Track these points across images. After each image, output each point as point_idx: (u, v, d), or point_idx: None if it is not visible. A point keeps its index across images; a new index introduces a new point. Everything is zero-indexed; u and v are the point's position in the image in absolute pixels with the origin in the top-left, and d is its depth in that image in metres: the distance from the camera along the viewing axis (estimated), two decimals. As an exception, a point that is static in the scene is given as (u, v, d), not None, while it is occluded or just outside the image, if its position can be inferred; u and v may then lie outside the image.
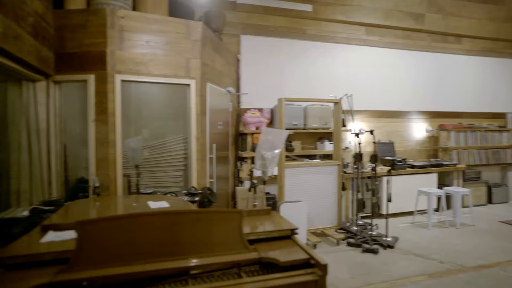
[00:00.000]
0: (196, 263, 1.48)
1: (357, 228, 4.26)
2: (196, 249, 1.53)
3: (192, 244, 1.53)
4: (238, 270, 1.56)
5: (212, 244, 1.57)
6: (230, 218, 1.66)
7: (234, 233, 1.64)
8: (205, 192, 3.04)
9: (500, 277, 3.20)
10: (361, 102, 5.53)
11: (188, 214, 1.59)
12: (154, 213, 1.55)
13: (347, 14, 5.32)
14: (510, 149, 6.36)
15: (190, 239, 1.54)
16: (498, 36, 6.56)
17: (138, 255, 1.43)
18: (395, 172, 5.07)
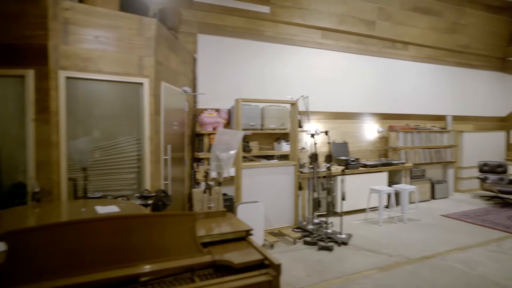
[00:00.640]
0: (147, 270, 1.41)
1: (313, 227, 4.37)
2: (147, 255, 1.46)
3: (143, 250, 1.47)
4: (191, 275, 1.52)
5: (164, 248, 1.51)
6: (183, 221, 1.61)
7: (187, 237, 1.60)
8: (159, 195, 2.93)
9: (441, 266, 3.44)
10: (317, 104, 5.70)
11: (137, 219, 1.52)
12: (99, 219, 1.46)
13: (304, 18, 5.45)
14: (449, 148, 6.91)
15: (141, 244, 1.47)
16: (439, 45, 7.11)
17: (83, 264, 1.33)
18: (349, 172, 5.27)
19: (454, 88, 7.53)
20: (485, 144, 7.63)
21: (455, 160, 7.08)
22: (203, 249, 1.62)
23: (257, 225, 3.90)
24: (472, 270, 3.36)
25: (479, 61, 7.90)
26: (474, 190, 7.41)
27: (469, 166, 7.29)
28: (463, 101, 7.67)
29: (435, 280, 3.13)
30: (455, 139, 7.16)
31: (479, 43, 7.61)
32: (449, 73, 7.46)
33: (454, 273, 3.28)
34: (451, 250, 3.89)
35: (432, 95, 7.20)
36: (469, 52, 7.60)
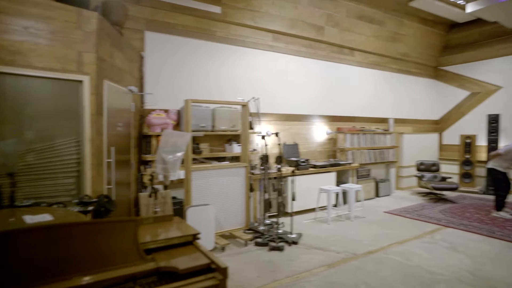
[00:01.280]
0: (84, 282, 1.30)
1: (265, 228, 4.40)
2: (85, 266, 1.35)
3: (80, 261, 1.35)
4: (133, 284, 1.44)
5: (104, 258, 1.41)
6: (123, 227, 1.52)
7: (129, 244, 1.51)
8: (101, 200, 2.74)
9: (383, 260, 3.65)
10: (268, 105, 5.76)
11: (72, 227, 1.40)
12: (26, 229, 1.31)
13: (255, 20, 5.49)
14: (391, 149, 7.39)
15: (77, 255, 1.36)
16: (382, 52, 7.59)
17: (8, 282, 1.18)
18: (299, 172, 5.40)
19: (396, 93, 8.08)
20: (421, 145, 8.30)
21: (396, 160, 7.60)
22: (147, 256, 1.54)
23: (207, 228, 3.83)
24: (409, 261, 3.61)
25: (417, 69, 8.57)
26: (412, 187, 8.01)
27: (408, 165, 7.87)
28: (403, 105, 8.26)
29: (378, 273, 3.31)
30: (396, 140, 7.68)
31: (417, 52, 8.26)
32: (391, 79, 7.99)
33: (394, 265, 3.50)
34: (392, 244, 4.15)
35: (376, 99, 7.66)
36: (408, 60, 8.21)
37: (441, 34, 8.35)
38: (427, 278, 3.20)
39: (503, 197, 5.46)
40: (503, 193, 5.46)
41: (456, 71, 8.63)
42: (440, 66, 8.97)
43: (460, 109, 8.58)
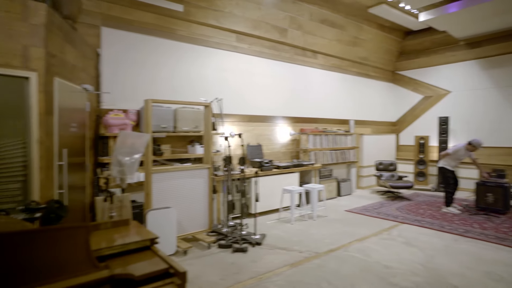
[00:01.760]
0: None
1: (228, 229, 4.36)
2: (30, 277, 1.24)
3: (25, 272, 1.24)
4: (86, 294, 1.35)
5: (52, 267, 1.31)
6: (74, 234, 1.43)
7: (80, 252, 1.41)
8: (51, 206, 2.56)
9: (344, 257, 3.75)
10: (232, 106, 5.73)
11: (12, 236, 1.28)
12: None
13: (219, 20, 5.44)
14: (352, 150, 7.65)
15: (22, 266, 1.24)
16: (343, 56, 7.84)
17: None
18: (262, 173, 5.42)
19: (356, 95, 8.39)
20: (380, 145, 8.68)
21: (357, 160, 7.87)
22: (100, 263, 1.46)
23: (169, 232, 3.72)
24: (368, 257, 3.73)
25: (375, 73, 8.96)
26: (372, 186, 8.34)
27: (368, 165, 8.19)
28: (363, 107, 8.59)
29: (339, 270, 3.39)
30: (357, 141, 7.96)
31: (375, 56, 8.63)
32: (352, 82, 8.28)
33: (354, 262, 3.60)
34: (352, 241, 4.28)
35: (338, 101, 7.89)
36: (367, 64, 8.56)
37: (397, 40, 8.79)
38: (384, 273, 3.33)
39: (452, 193, 5.84)
40: (452, 190, 5.84)
41: (411, 76, 9.13)
42: (396, 71, 9.44)
43: (415, 111, 9.09)
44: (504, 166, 7.19)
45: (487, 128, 7.69)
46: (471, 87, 7.97)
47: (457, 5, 6.12)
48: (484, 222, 5.14)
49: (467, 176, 7.61)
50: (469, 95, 8.01)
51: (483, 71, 7.78)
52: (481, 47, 7.77)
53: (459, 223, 5.10)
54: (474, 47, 7.88)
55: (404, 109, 9.34)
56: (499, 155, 7.47)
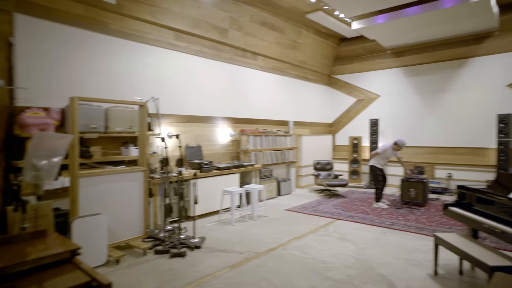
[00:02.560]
0: None
1: (166, 234, 4.17)
2: None
3: None
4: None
5: None
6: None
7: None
8: None
9: (283, 255, 3.81)
10: (170, 106, 5.53)
11: None
12: None
13: (155, 16, 5.20)
14: (292, 150, 7.87)
15: None
16: (283, 59, 8.04)
17: None
18: (202, 175, 5.31)
19: (295, 97, 8.66)
20: (318, 146, 9.08)
21: (296, 160, 8.12)
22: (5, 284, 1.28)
23: (99, 241, 3.44)
24: (306, 254, 3.85)
25: (313, 76, 9.35)
26: (310, 185, 8.69)
27: (307, 165, 8.51)
28: (301, 109, 8.91)
29: (278, 268, 3.43)
30: (296, 142, 8.22)
31: (313, 60, 9.01)
32: (291, 84, 8.53)
33: (293, 259, 3.68)
34: (291, 239, 4.38)
35: (278, 102, 8.07)
36: (305, 67, 8.89)
37: (333, 46, 9.29)
38: (321, 268, 3.45)
39: (381, 190, 6.32)
40: (381, 186, 6.31)
41: (345, 80, 9.71)
42: (333, 75, 9.97)
43: (349, 113, 9.68)
44: (424, 163, 7.99)
45: (410, 129, 8.47)
46: (397, 92, 8.73)
47: (384, 17, 6.65)
48: (407, 214, 5.64)
49: (394, 173, 8.30)
50: (395, 99, 8.76)
51: (407, 78, 8.56)
52: (404, 57, 8.55)
53: (387, 216, 5.52)
54: (399, 56, 8.64)
55: (339, 111, 9.90)
56: (420, 153, 8.28)
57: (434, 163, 7.95)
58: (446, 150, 7.95)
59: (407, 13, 6.36)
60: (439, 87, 8.06)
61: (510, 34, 7.09)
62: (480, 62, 7.51)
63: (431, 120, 8.19)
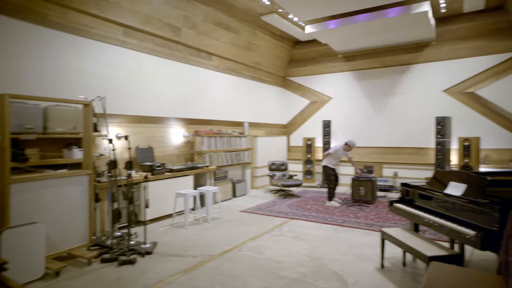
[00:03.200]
0: None
1: (114, 241, 3.94)
2: None
3: None
4: None
5: None
6: None
7: None
8: None
9: (238, 257, 3.78)
10: (119, 106, 5.25)
11: None
12: None
13: (102, 10, 4.91)
14: (247, 151, 7.87)
15: None
16: (238, 60, 8.03)
17: None
18: (154, 177, 5.10)
19: (250, 98, 8.69)
20: (273, 146, 9.20)
21: (251, 161, 8.14)
22: None
23: (35, 253, 3.14)
24: (261, 254, 3.85)
25: (268, 77, 9.46)
26: (266, 186, 8.76)
27: (262, 166, 8.58)
28: (256, 110, 8.96)
29: (233, 270, 3.39)
30: (251, 143, 8.24)
31: (268, 62, 9.12)
32: (246, 85, 8.55)
33: (248, 260, 3.66)
34: (246, 240, 4.36)
35: (233, 103, 8.04)
36: (260, 68, 8.97)
37: (287, 49, 9.47)
38: (275, 267, 3.47)
39: (333, 189, 6.54)
40: (333, 185, 6.54)
41: (299, 82, 9.95)
42: (287, 77, 10.16)
43: (303, 115, 9.93)
44: (373, 163, 8.43)
45: (360, 130, 8.90)
46: (348, 95, 9.12)
47: (335, 23, 6.92)
48: (358, 212, 5.89)
49: (345, 173, 8.66)
50: (346, 102, 9.14)
51: (357, 81, 8.99)
52: (354, 61, 8.97)
53: (338, 214, 5.72)
54: (349, 61, 9.05)
55: (294, 112, 10.11)
56: (369, 153, 8.73)
57: (382, 162, 8.43)
58: (392, 150, 8.46)
59: (356, 20, 6.67)
60: (386, 91, 8.56)
61: (445, 45, 7.75)
62: (420, 69, 8.11)
63: (378, 121, 8.67)
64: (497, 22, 7.07)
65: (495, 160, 7.24)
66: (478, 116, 7.46)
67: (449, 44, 7.70)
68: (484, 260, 3.60)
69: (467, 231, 2.61)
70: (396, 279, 3.19)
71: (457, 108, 7.66)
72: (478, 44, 7.37)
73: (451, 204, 3.02)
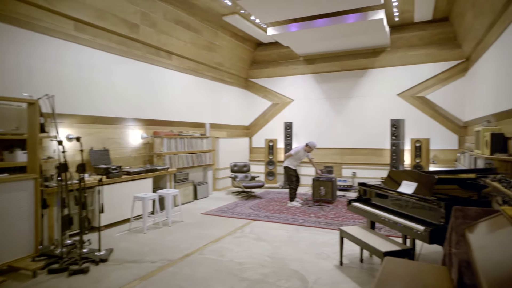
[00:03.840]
0: None
1: (64, 250, 3.67)
2: None
3: None
4: None
5: None
6: None
7: None
8: None
9: (199, 260, 3.69)
10: (71, 106, 4.94)
11: None
12: None
13: (49, 1, 4.57)
14: (208, 153, 7.76)
15: None
16: (199, 60, 7.90)
17: None
18: (110, 181, 4.85)
19: (212, 99, 8.58)
20: (235, 148, 9.16)
21: (213, 162, 8.04)
22: None
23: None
24: (223, 257, 3.79)
25: (230, 78, 9.41)
26: (228, 187, 8.69)
27: (224, 168, 8.50)
28: (218, 111, 8.87)
29: (193, 274, 3.30)
30: (213, 144, 8.14)
31: (230, 63, 9.07)
32: (208, 86, 8.44)
33: (209, 264, 3.58)
34: (208, 243, 4.27)
35: (194, 104, 7.89)
36: (222, 69, 8.90)
37: (249, 50, 9.49)
38: (237, 269, 3.43)
39: (295, 189, 6.64)
40: (294, 186, 6.63)
41: (261, 84, 10.01)
42: (249, 78, 10.18)
43: (265, 116, 10.00)
44: (332, 163, 8.69)
45: (320, 132, 9.13)
46: (309, 97, 9.32)
47: (297, 26, 7.05)
48: (318, 211, 6.02)
49: (306, 173, 8.84)
50: (307, 104, 9.34)
51: (317, 84, 9.22)
52: (315, 64, 9.20)
53: (300, 214, 5.80)
54: (310, 63, 9.26)
55: (256, 114, 10.15)
56: (329, 154, 8.99)
57: (341, 163, 8.71)
58: (351, 151, 8.78)
59: (316, 24, 6.84)
60: (345, 94, 8.87)
61: (399, 51, 8.20)
62: (377, 73, 8.51)
63: (338, 123, 8.96)
64: (443, 32, 7.60)
65: (443, 160, 7.78)
66: (428, 118, 7.97)
67: (402, 51, 8.15)
68: (433, 253, 3.83)
69: (418, 227, 2.76)
70: (354, 275, 3.29)
71: (409, 111, 8.13)
72: (428, 52, 7.88)
73: (404, 202, 3.17)
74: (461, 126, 7.67)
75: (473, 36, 6.16)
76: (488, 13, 4.86)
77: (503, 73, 4.58)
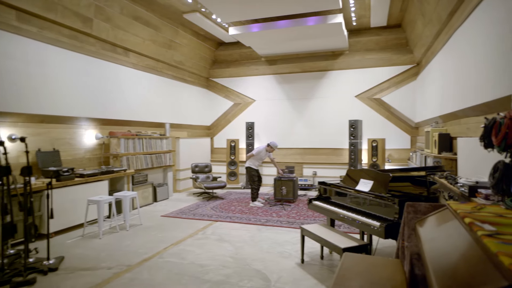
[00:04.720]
0: None
1: (6, 261, 3.36)
2: None
3: None
4: None
5: None
6: None
7: None
8: None
9: (158, 264, 3.56)
10: (15, 103, 4.55)
11: None
12: None
13: (-10, -11, 4.18)
14: (168, 153, 7.54)
15: None
16: (158, 58, 7.66)
17: None
18: (60, 184, 4.54)
19: (172, 98, 8.36)
20: (196, 148, 9.00)
21: (173, 163, 7.84)
22: None
23: None
24: (184, 259, 3.69)
25: (191, 78, 9.24)
26: (189, 188, 8.52)
27: (185, 168, 8.32)
28: (179, 111, 8.66)
29: (153, 279, 3.18)
30: (173, 145, 7.93)
31: (191, 62, 8.89)
32: (168, 85, 8.20)
33: (169, 267, 3.47)
34: (168, 246, 4.14)
35: (153, 104, 7.63)
36: (183, 68, 8.70)
37: (211, 49, 9.38)
38: (199, 272, 3.36)
39: (256, 189, 6.66)
40: (256, 186, 6.65)
41: (223, 83, 9.93)
42: (211, 78, 10.06)
43: (227, 116, 9.93)
44: (294, 163, 8.84)
45: (281, 132, 9.25)
46: (270, 98, 9.41)
47: (258, 27, 7.08)
48: (280, 211, 6.09)
49: (268, 173, 8.91)
50: (269, 104, 9.43)
51: (279, 85, 9.33)
52: (276, 65, 9.31)
53: (262, 214, 5.83)
54: (272, 64, 9.35)
55: (217, 114, 10.06)
56: (290, 154, 9.13)
57: (302, 162, 8.89)
58: (312, 150, 8.99)
59: (278, 26, 6.92)
60: (305, 95, 9.06)
61: (357, 54, 8.55)
62: (336, 75, 8.79)
63: (299, 124, 9.13)
64: (397, 38, 8.05)
65: (397, 159, 8.22)
66: (383, 119, 8.39)
67: (360, 54, 8.50)
68: (388, 247, 4.02)
69: (374, 223, 2.87)
70: (314, 272, 3.36)
71: (366, 112, 8.50)
72: (383, 56, 8.29)
73: (362, 199, 3.29)
74: (413, 127, 8.16)
75: (422, 43, 6.59)
76: (435, 22, 5.22)
77: (448, 78, 4.94)
